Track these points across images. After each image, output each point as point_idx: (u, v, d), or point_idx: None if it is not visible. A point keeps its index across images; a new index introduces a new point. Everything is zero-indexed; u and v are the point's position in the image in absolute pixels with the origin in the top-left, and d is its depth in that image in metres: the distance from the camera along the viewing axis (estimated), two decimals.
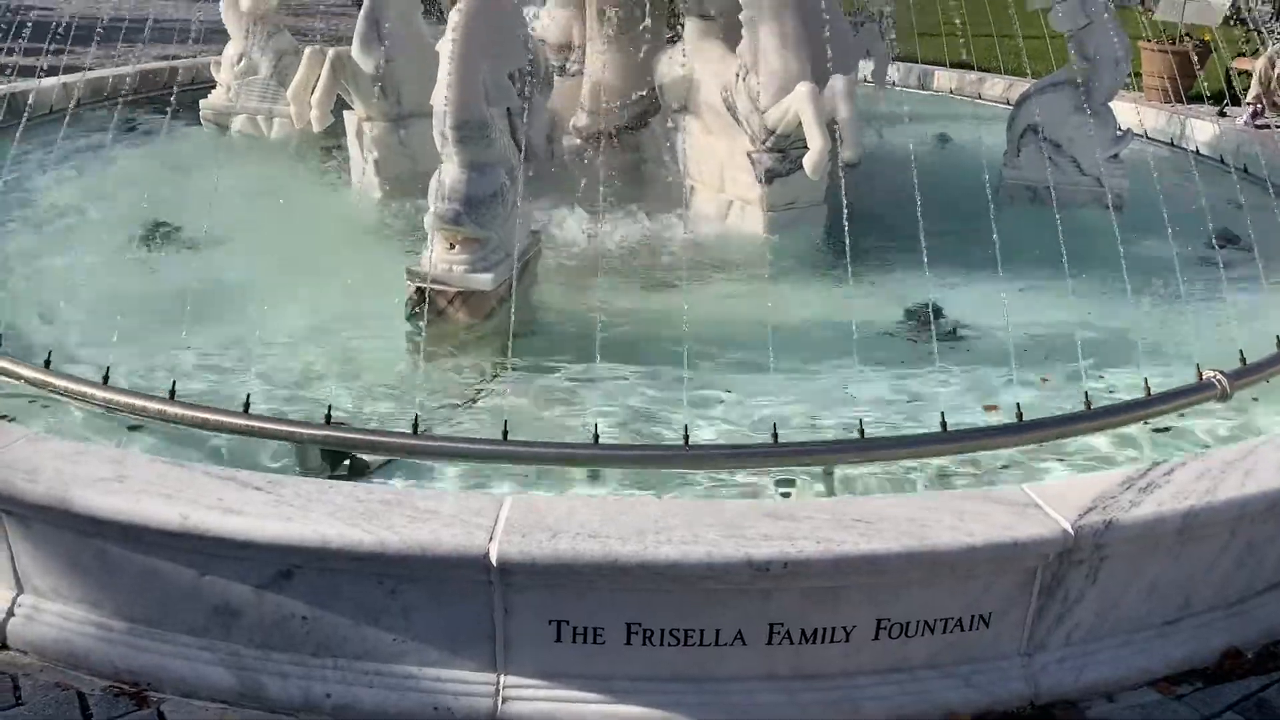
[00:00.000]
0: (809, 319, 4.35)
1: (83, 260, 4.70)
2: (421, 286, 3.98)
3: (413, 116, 5.55)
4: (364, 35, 5.57)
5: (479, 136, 4.04)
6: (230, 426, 3.14)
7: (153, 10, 7.82)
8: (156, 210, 5.09)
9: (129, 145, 6.47)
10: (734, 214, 5.34)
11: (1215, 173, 6.48)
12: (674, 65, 5.51)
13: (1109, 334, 4.19)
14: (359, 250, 4.96)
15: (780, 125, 4.95)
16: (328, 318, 4.14)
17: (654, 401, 3.71)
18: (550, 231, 4.99)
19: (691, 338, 3.69)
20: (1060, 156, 5.79)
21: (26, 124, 5.83)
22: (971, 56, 9.04)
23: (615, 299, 4.48)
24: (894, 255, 4.92)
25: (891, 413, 3.68)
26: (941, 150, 7.07)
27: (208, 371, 3.80)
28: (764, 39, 4.97)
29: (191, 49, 8.10)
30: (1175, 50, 10.05)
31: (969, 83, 9.04)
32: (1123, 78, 5.87)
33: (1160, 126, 7.64)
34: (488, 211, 4.06)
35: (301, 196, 5.69)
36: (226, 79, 6.77)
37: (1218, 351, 3.76)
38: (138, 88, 7.44)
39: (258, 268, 4.57)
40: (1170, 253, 4.46)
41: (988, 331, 4.26)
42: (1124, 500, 2.68)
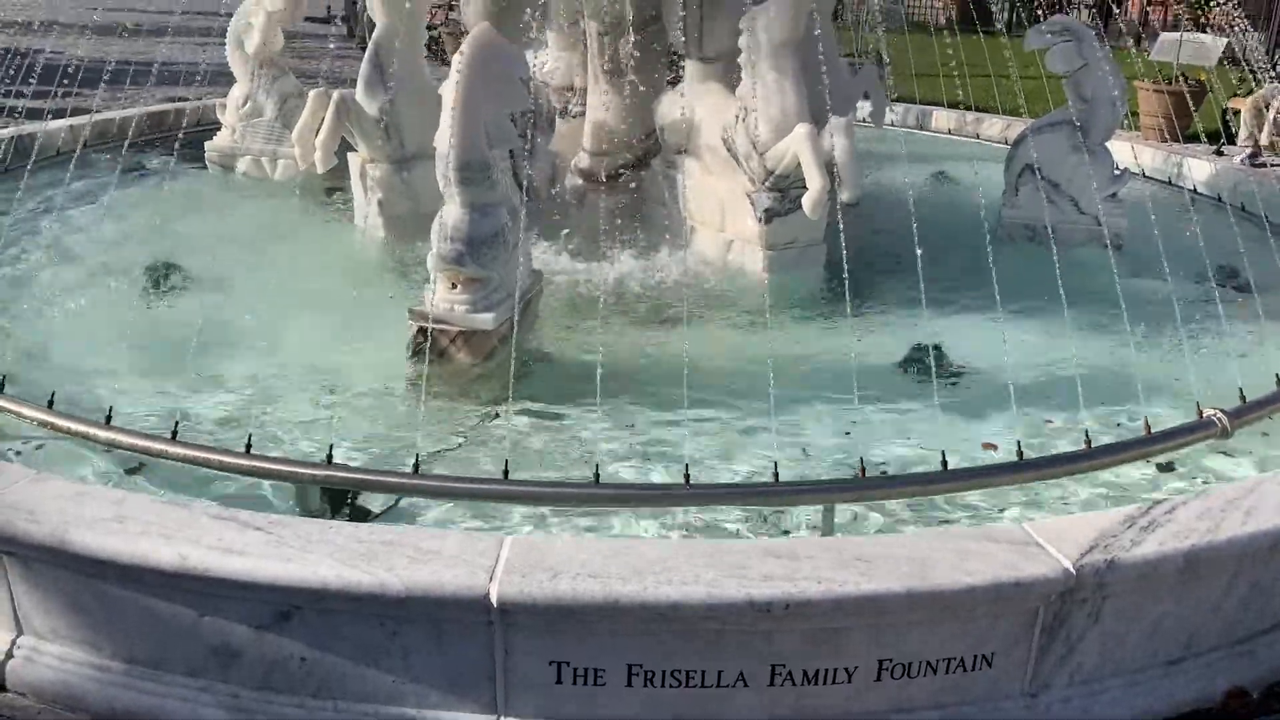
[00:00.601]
0: (809, 357, 4.36)
1: (84, 301, 4.73)
2: (424, 326, 4.00)
3: (416, 158, 5.60)
4: (368, 78, 5.65)
5: (481, 178, 4.08)
6: (232, 466, 3.14)
7: (160, 53, 7.92)
8: (160, 251, 5.12)
9: (134, 187, 6.53)
10: (734, 253, 5.37)
11: (1213, 211, 6.51)
12: (674, 107, 5.57)
13: (1108, 372, 4.20)
14: (362, 290, 4.98)
15: (779, 166, 4.99)
16: (330, 357, 4.16)
17: (655, 440, 3.71)
18: (551, 271, 5.01)
19: (692, 376, 3.70)
20: (1058, 196, 5.82)
21: (33, 166, 5.88)
22: (969, 97, 9.12)
23: (616, 338, 4.50)
24: (893, 293, 4.94)
25: (891, 450, 3.68)
26: (940, 189, 7.11)
27: (210, 411, 3.81)
28: (763, 81, 5.02)
29: (198, 91, 8.19)
30: (1171, 91, 10.15)
31: (967, 123, 9.11)
32: (1119, 118, 5.93)
33: (1158, 166, 7.69)
34: (489, 251, 4.09)
35: (305, 237, 5.73)
36: (232, 121, 6.84)
37: (1217, 389, 3.76)
38: (144, 130, 7.52)
39: (261, 308, 4.59)
40: (1169, 291, 4.48)
41: (987, 369, 4.27)
42: (1125, 539, 2.68)
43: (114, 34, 11.29)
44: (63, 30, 10.91)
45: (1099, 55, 5.78)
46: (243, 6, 6.74)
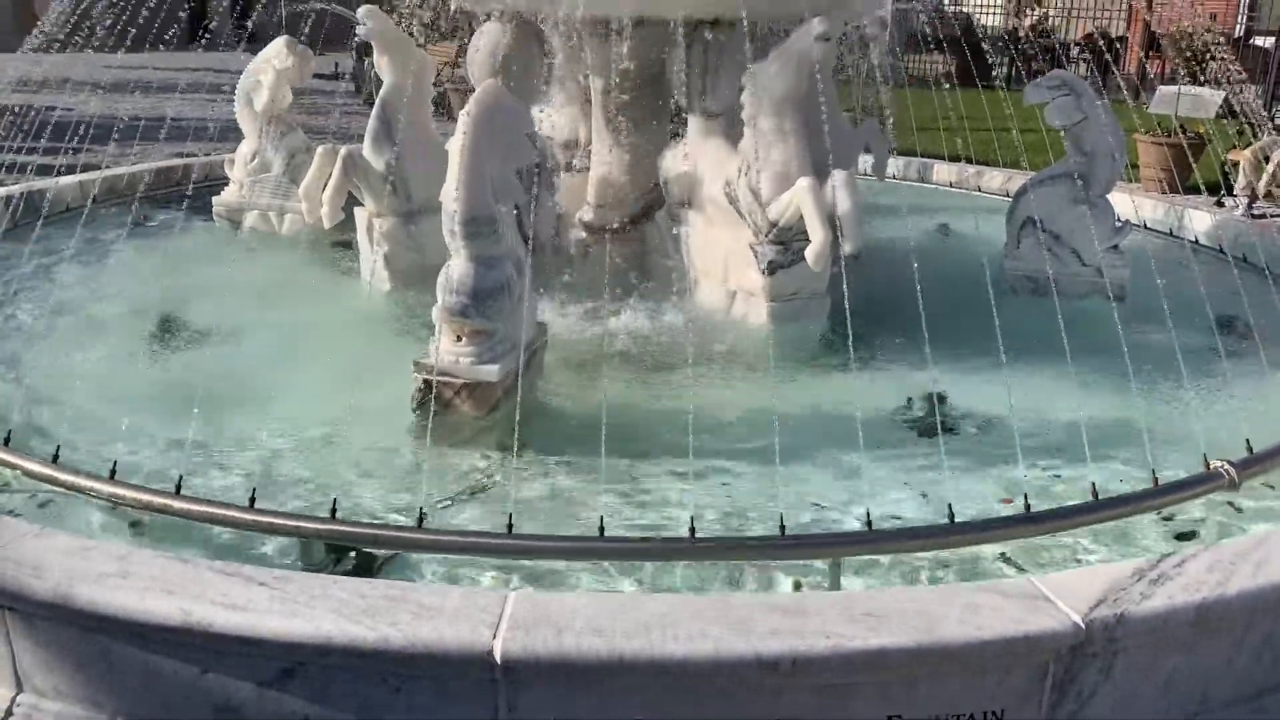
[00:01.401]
0: (813, 409, 4.36)
1: (92, 355, 4.75)
2: (428, 378, 4.01)
3: (422, 211, 5.65)
4: (375, 133, 5.73)
5: (487, 232, 4.12)
6: (235, 521, 3.14)
7: (170, 109, 8.03)
8: (167, 305, 5.16)
9: (142, 241, 6.58)
10: (738, 305, 5.39)
11: (1215, 262, 6.54)
12: (678, 161, 5.63)
13: (1114, 423, 4.18)
14: (367, 343, 5.01)
15: (782, 218, 5.03)
16: (334, 410, 4.16)
17: (659, 492, 3.70)
18: (556, 322, 5.03)
19: (696, 428, 3.70)
20: (1060, 248, 5.85)
21: (43, 221, 5.95)
22: (969, 150, 9.22)
23: (620, 390, 4.50)
24: (897, 345, 4.94)
25: (898, 502, 3.67)
26: (942, 241, 7.15)
27: (214, 465, 3.81)
28: (765, 135, 5.08)
29: (207, 147, 8.30)
30: (1170, 143, 10.24)
31: (968, 175, 9.18)
32: (1119, 170, 5.97)
33: (1159, 217, 7.73)
34: (494, 304, 4.11)
35: (311, 290, 5.77)
36: (240, 176, 6.91)
37: (1224, 440, 3.75)
38: (153, 185, 7.60)
39: (266, 361, 4.61)
40: (1173, 342, 4.48)
41: (992, 420, 4.27)
42: (1135, 592, 2.66)
43: (126, 91, 11.47)
44: (75, 87, 11.10)
45: (1098, 109, 5.83)
46: (252, 64, 6.84)
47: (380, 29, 5.69)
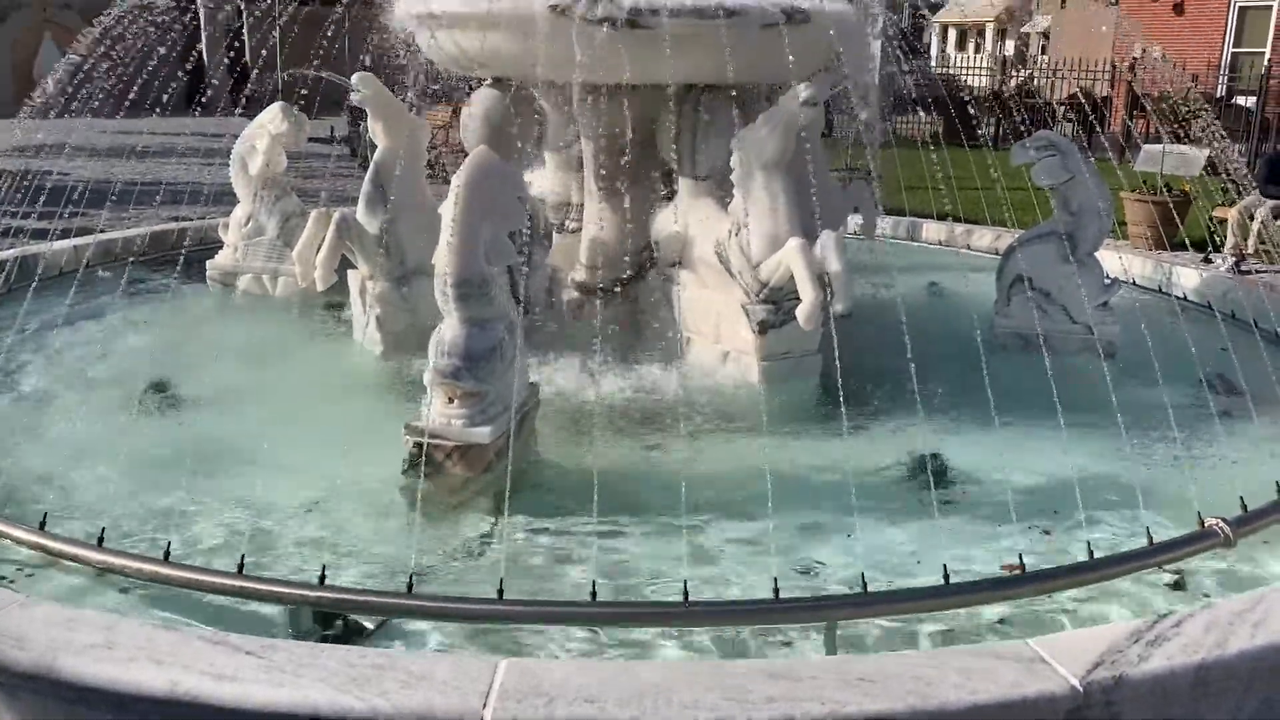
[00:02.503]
0: (806, 468, 4.35)
1: (82, 419, 4.73)
2: (420, 441, 4.00)
3: (415, 274, 5.68)
4: (369, 197, 5.78)
5: (479, 294, 4.14)
6: (224, 588, 3.11)
7: (166, 173, 8.10)
8: (159, 369, 5.14)
9: (135, 305, 6.59)
10: (730, 364, 5.40)
11: (1203, 319, 6.58)
12: (669, 222, 5.68)
13: (1107, 480, 4.18)
14: (359, 405, 5.00)
15: (773, 278, 5.06)
16: (325, 474, 4.14)
17: (652, 555, 3.67)
18: (548, 383, 5.04)
19: (689, 490, 3.68)
20: (1050, 305, 5.89)
21: (37, 286, 5.96)
22: (957, 209, 9.31)
23: (613, 450, 4.49)
24: (889, 403, 4.95)
25: (892, 565, 3.64)
26: (933, 299, 7.20)
27: (204, 530, 3.78)
28: (754, 197, 5.13)
29: (201, 211, 8.36)
30: (1156, 201, 10.36)
31: (957, 234, 9.27)
32: (1107, 229, 6.03)
33: (1147, 274, 7.80)
34: (487, 366, 4.12)
35: (303, 353, 5.77)
36: (234, 240, 6.95)
37: (1217, 498, 3.75)
38: (147, 249, 7.63)
39: (256, 425, 4.59)
40: (1164, 399, 4.50)
41: (986, 480, 4.25)
42: (1132, 654, 2.63)
43: (122, 155, 11.59)
44: (72, 152, 11.21)
45: (1083, 168, 5.91)
46: (248, 129, 6.91)
47: (375, 95, 5.76)
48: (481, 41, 5.12)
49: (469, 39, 5.21)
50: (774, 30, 4.82)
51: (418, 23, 5.50)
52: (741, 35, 4.79)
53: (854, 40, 6.05)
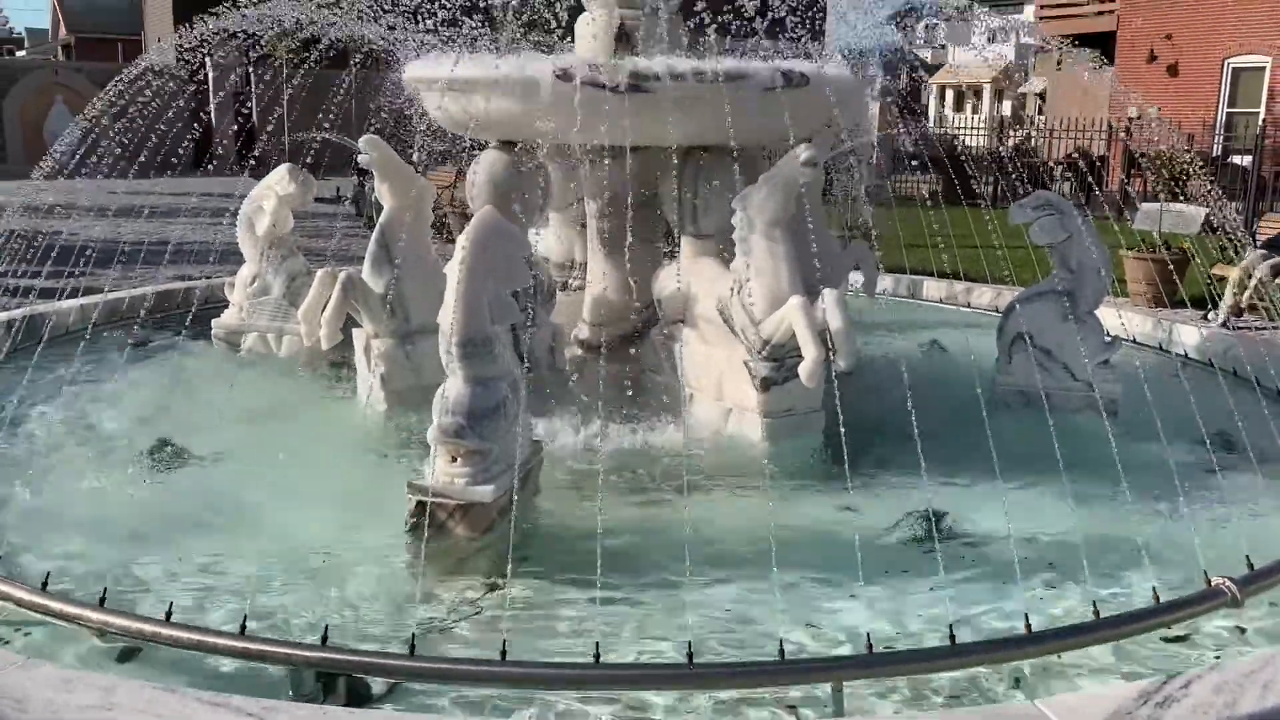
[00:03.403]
0: (810, 527, 4.34)
1: (86, 478, 4.73)
2: (422, 500, 3.99)
3: (419, 333, 5.72)
4: (375, 257, 5.84)
5: (483, 353, 4.16)
6: (225, 649, 3.09)
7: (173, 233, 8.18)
8: (163, 428, 5.16)
9: (141, 364, 6.63)
10: (733, 421, 5.41)
11: (1205, 376, 6.59)
12: (671, 280, 5.73)
13: (1112, 539, 4.16)
14: (362, 464, 5.00)
15: (775, 335, 5.09)
16: (328, 533, 4.13)
17: (656, 615, 3.65)
18: (551, 441, 5.04)
19: (693, 549, 3.67)
20: (1051, 363, 5.90)
21: (44, 345, 6.00)
22: (957, 266, 9.38)
23: (616, 509, 4.48)
24: (892, 461, 4.94)
25: (898, 623, 3.62)
26: (934, 357, 7.22)
27: (206, 590, 3.76)
28: (756, 255, 5.18)
29: (208, 270, 8.43)
30: (1155, 258, 10.43)
31: (958, 292, 9.32)
32: (1106, 287, 6.07)
33: (1147, 331, 7.83)
34: (490, 424, 4.13)
35: (307, 412, 5.78)
36: (239, 300, 6.99)
37: (1223, 556, 3.73)
38: (154, 308, 7.69)
39: (260, 483, 4.59)
40: (1166, 457, 4.49)
41: (991, 538, 4.23)
42: (1141, 715, 2.61)
43: (131, 215, 11.72)
44: (82, 212, 11.34)
45: (1081, 227, 5.96)
46: (255, 190, 6.99)
47: (381, 157, 5.85)
48: (488, 105, 5.21)
49: (475, 103, 5.30)
50: (773, 93, 4.91)
51: (425, 87, 5.61)
52: (741, 98, 4.88)
53: (852, 102, 6.16)
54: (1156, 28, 22.63)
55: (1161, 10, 22.54)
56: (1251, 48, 21.17)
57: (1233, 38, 21.42)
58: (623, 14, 5.69)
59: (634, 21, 5.67)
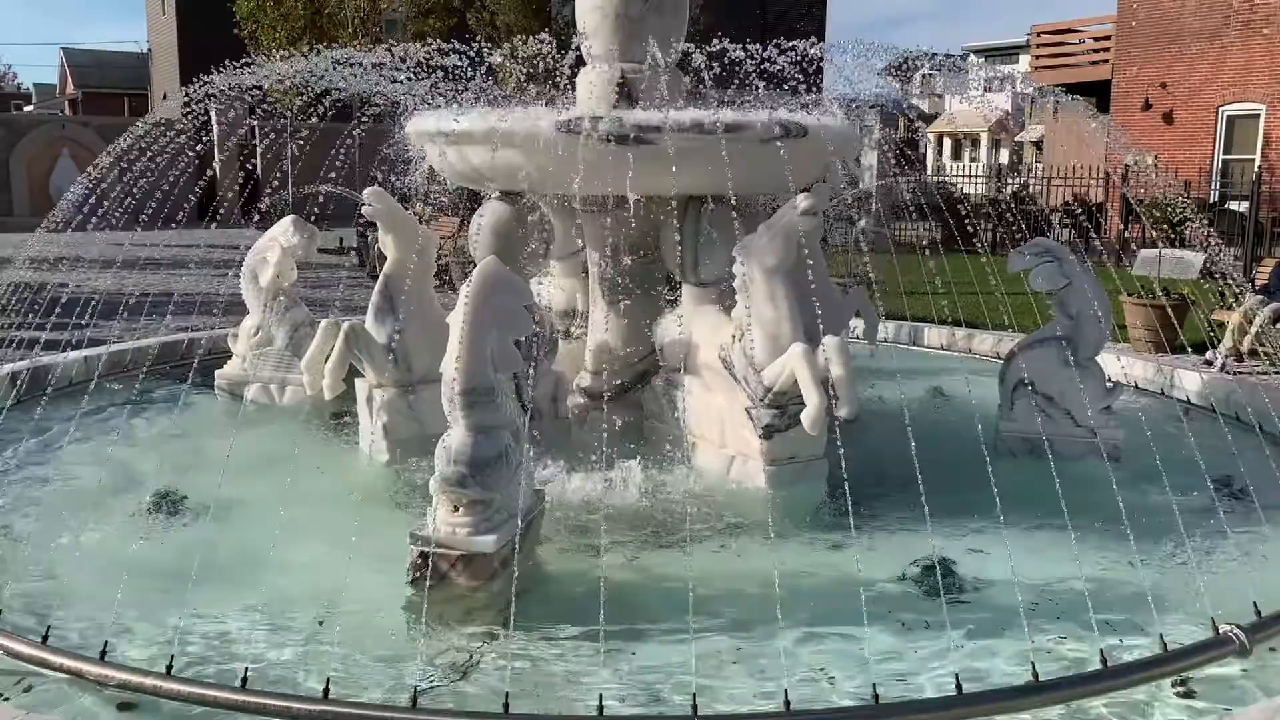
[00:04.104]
0: (815, 576, 4.32)
1: (87, 530, 4.72)
2: (425, 550, 3.98)
3: (422, 383, 5.74)
4: (378, 308, 5.88)
5: (485, 401, 4.18)
6: (227, 702, 3.07)
7: (178, 285, 8.23)
8: (165, 479, 5.16)
9: (143, 416, 6.64)
10: (736, 469, 5.41)
11: (1207, 421, 6.59)
12: (673, 328, 5.76)
13: (1118, 586, 4.14)
14: (364, 515, 4.98)
15: (777, 383, 5.11)
16: (330, 585, 4.11)
17: (660, 666, 3.62)
18: (554, 490, 5.04)
19: (696, 598, 3.65)
20: (1054, 409, 5.91)
21: (48, 397, 6.01)
22: (958, 313, 9.41)
23: (619, 558, 4.47)
24: (896, 508, 4.94)
25: (903, 673, 3.58)
26: (937, 403, 7.22)
27: (207, 643, 3.74)
28: (757, 303, 5.21)
29: (212, 321, 8.47)
30: (1154, 304, 10.47)
31: (958, 338, 9.35)
32: (1106, 333, 6.09)
33: (1149, 377, 7.84)
34: (492, 473, 4.13)
35: (309, 462, 5.78)
36: (243, 350, 7.02)
37: (1229, 603, 3.71)
38: (157, 359, 7.71)
39: (262, 535, 4.58)
40: (1170, 502, 4.48)
41: (996, 586, 4.21)
42: None
43: (136, 267, 11.82)
44: (88, 265, 11.43)
45: (1080, 274, 6.00)
46: (259, 242, 7.05)
47: (385, 209, 5.91)
48: (491, 157, 5.28)
49: (479, 155, 5.37)
50: (772, 144, 4.97)
51: (429, 140, 5.68)
52: (741, 149, 4.94)
53: (850, 152, 6.23)
54: (1151, 76, 22.93)
55: (1156, 59, 22.85)
56: (1245, 95, 21.43)
57: (1227, 86, 21.69)
58: (623, 68, 5.79)
59: (635, 75, 5.76)
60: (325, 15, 24.34)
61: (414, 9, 24.84)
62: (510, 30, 22.95)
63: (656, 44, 5.41)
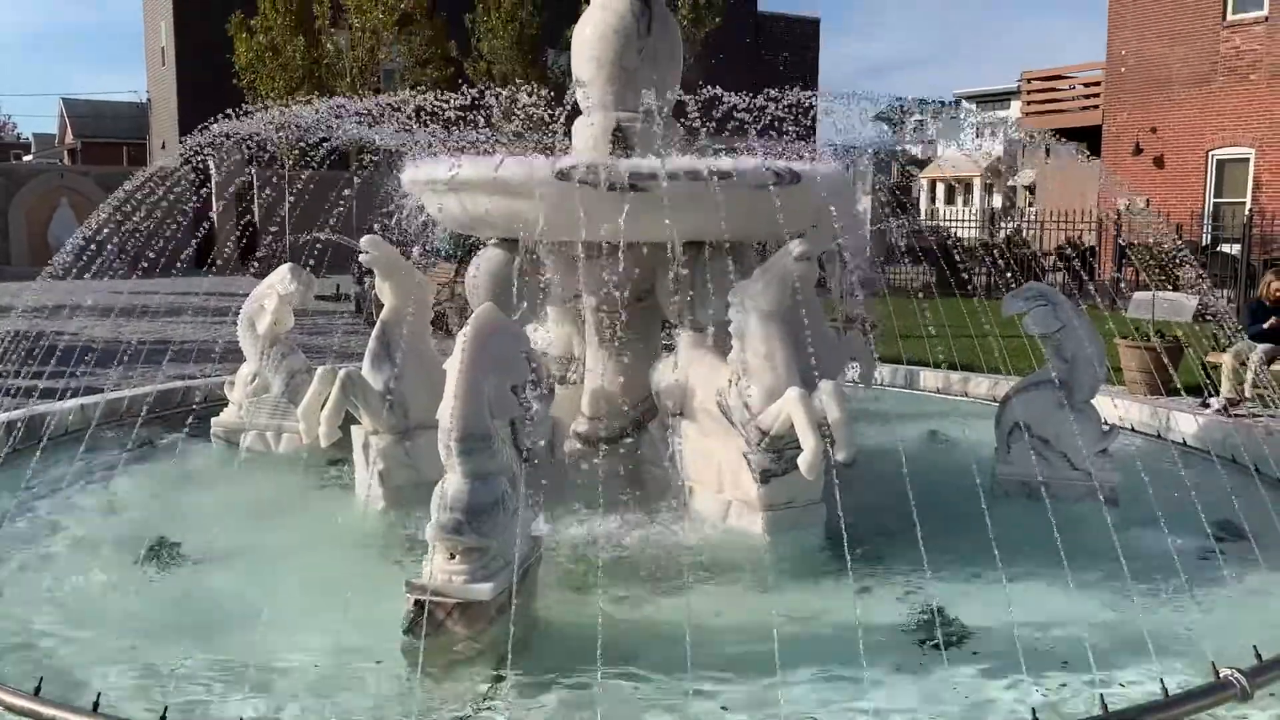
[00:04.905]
0: (813, 622, 4.29)
1: (82, 580, 4.69)
2: (420, 599, 3.95)
3: (418, 429, 5.73)
4: (375, 354, 5.90)
5: (482, 448, 4.17)
6: None
7: (175, 332, 8.25)
8: (161, 528, 5.14)
9: (139, 464, 6.62)
10: (733, 514, 5.39)
11: (1203, 464, 6.59)
12: (669, 372, 5.77)
13: (1116, 630, 4.12)
14: (360, 563, 4.97)
15: (774, 427, 5.11)
16: (325, 633, 4.08)
17: (658, 716, 3.59)
18: (550, 536, 5.02)
19: (694, 646, 3.63)
20: (1050, 452, 5.91)
21: (44, 445, 6.00)
22: (953, 356, 9.44)
23: (617, 606, 4.44)
24: (894, 553, 4.92)
25: None
26: (934, 447, 7.23)
27: (203, 693, 3.70)
28: (753, 347, 5.24)
29: (209, 369, 8.48)
30: (1148, 347, 10.50)
31: (954, 382, 9.37)
32: (1101, 376, 6.10)
33: (1145, 420, 7.85)
34: (489, 520, 4.11)
35: (305, 510, 5.77)
36: (239, 398, 7.03)
37: (1228, 647, 3.69)
38: (154, 407, 7.71)
39: (258, 583, 4.56)
40: (1168, 545, 4.47)
41: (995, 632, 4.18)
42: None
43: (134, 315, 11.83)
44: (86, 313, 11.45)
45: (1074, 317, 6.03)
46: (257, 290, 7.09)
47: (382, 256, 5.95)
48: (488, 204, 5.32)
49: (476, 202, 5.42)
50: (766, 191, 5.02)
51: (426, 188, 5.73)
52: (736, 196, 4.99)
53: (844, 197, 6.28)
54: (1141, 121, 23.20)
55: (1145, 104, 23.13)
56: (1235, 140, 21.67)
57: (1216, 130, 21.94)
58: (619, 116, 5.86)
59: (630, 123, 5.83)
60: (324, 65, 24.64)
61: (411, 59, 25.16)
62: (506, 79, 23.24)
63: (651, 93, 5.48)
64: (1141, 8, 23.13)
